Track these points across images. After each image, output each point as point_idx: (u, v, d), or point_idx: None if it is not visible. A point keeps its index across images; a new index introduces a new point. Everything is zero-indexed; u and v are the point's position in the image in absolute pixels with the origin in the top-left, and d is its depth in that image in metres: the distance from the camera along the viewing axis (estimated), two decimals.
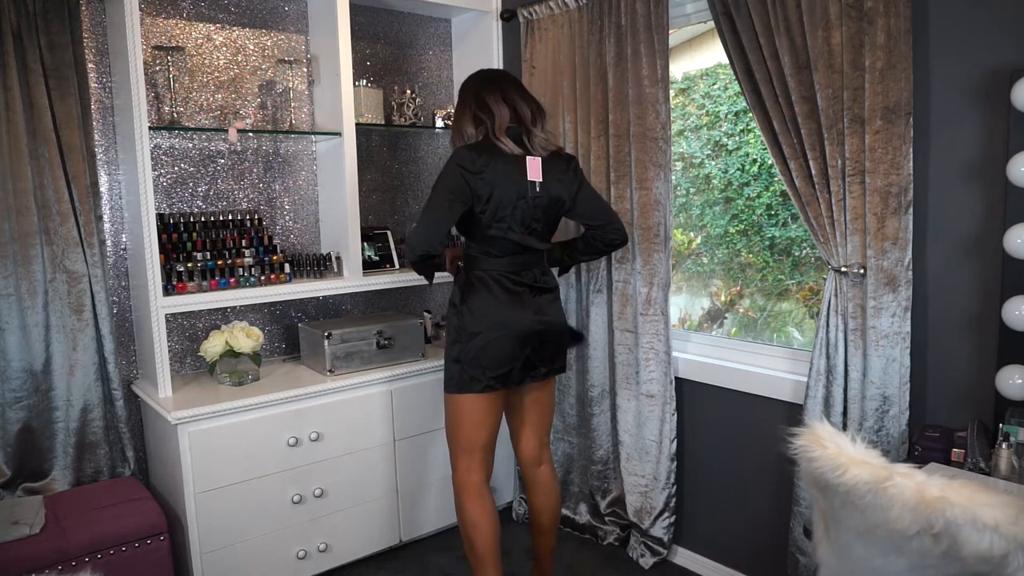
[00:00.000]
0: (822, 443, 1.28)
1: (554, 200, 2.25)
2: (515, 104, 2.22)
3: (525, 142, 2.21)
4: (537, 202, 2.21)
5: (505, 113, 2.20)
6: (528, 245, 2.23)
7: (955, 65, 1.90)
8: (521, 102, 2.23)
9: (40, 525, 2.14)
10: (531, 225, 2.22)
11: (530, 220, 2.21)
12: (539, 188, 2.20)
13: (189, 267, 2.52)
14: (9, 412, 2.40)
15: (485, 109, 2.21)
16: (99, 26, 2.54)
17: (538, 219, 2.23)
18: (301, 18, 2.95)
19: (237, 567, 2.44)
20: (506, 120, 2.20)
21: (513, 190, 2.17)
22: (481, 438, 2.26)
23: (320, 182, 3.02)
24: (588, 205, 2.34)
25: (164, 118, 2.63)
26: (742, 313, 2.87)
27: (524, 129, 2.22)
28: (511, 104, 2.21)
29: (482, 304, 2.20)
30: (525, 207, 2.19)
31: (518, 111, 2.22)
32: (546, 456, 2.44)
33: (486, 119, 2.21)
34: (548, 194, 2.23)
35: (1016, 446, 1.65)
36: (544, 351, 2.27)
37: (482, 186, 2.13)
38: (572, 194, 2.29)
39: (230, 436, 2.40)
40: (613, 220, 2.37)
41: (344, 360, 2.71)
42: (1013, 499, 1.10)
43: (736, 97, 2.71)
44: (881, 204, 1.97)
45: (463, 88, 2.31)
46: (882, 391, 2.03)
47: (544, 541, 2.45)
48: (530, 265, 2.27)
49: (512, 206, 2.17)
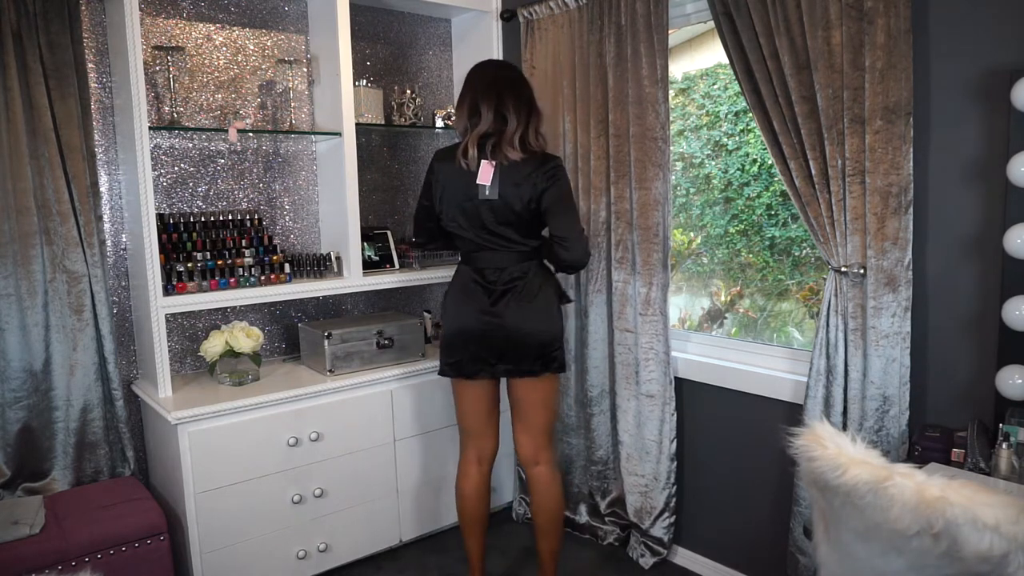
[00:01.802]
0: (822, 443, 1.28)
1: (507, 205, 2.23)
2: (505, 113, 2.23)
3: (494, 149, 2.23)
4: (488, 207, 2.26)
5: (488, 122, 2.23)
6: (493, 246, 2.30)
7: (955, 65, 1.90)
8: (513, 112, 2.23)
9: (40, 525, 2.14)
10: (487, 227, 2.28)
11: (483, 221, 2.28)
12: (488, 192, 2.23)
13: (189, 267, 2.52)
14: (9, 412, 2.40)
15: (476, 114, 2.27)
16: (99, 26, 2.54)
17: (497, 222, 2.26)
18: (301, 18, 2.95)
19: (237, 567, 2.44)
20: (486, 130, 2.24)
21: (460, 192, 2.28)
22: (467, 421, 2.46)
23: (320, 182, 3.02)
24: (551, 210, 2.25)
25: (164, 118, 2.63)
26: (742, 313, 2.87)
27: (495, 140, 2.23)
28: (502, 112, 2.24)
29: (448, 301, 2.40)
30: (472, 209, 2.27)
31: (504, 121, 2.23)
32: (544, 457, 2.43)
33: (471, 126, 2.27)
34: (500, 199, 2.23)
35: (1016, 446, 1.66)
36: (494, 350, 2.30)
37: (436, 188, 2.34)
38: (537, 195, 2.23)
39: (230, 436, 2.40)
40: (566, 237, 2.23)
41: (344, 360, 2.71)
42: (1013, 499, 1.10)
43: (736, 97, 2.71)
44: (881, 204, 1.97)
45: (469, 78, 2.35)
46: (882, 391, 2.03)
47: (544, 543, 2.45)
48: (501, 265, 2.30)
49: (460, 207, 2.29)
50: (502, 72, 2.34)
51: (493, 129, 2.24)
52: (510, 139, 2.23)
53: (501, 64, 2.43)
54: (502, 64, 2.43)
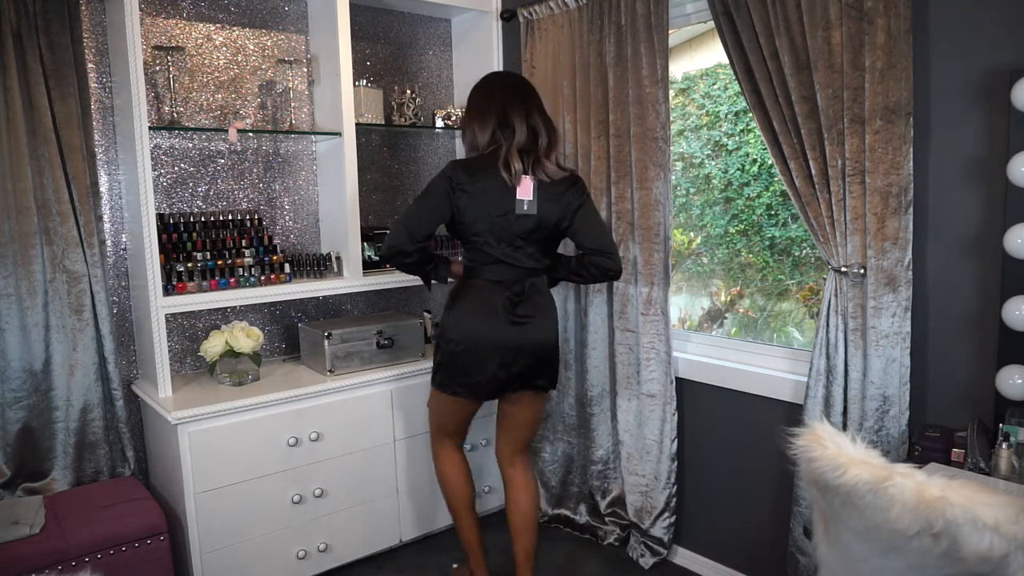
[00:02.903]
0: (822, 443, 1.28)
1: (543, 221, 2.22)
2: (536, 128, 2.23)
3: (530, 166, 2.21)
4: (522, 221, 2.21)
5: (523, 134, 2.21)
6: (512, 262, 2.24)
7: (955, 65, 1.90)
8: (542, 127, 2.24)
9: (40, 525, 2.14)
10: (515, 243, 2.23)
11: (512, 237, 2.22)
12: (527, 207, 2.19)
13: (189, 267, 2.52)
14: (9, 412, 2.40)
15: (507, 127, 2.21)
16: (99, 26, 2.54)
17: (524, 238, 2.23)
18: (301, 18, 2.95)
19: (237, 567, 2.44)
20: (523, 142, 2.20)
21: (494, 206, 2.19)
22: (451, 426, 2.45)
23: (320, 182, 3.02)
24: (585, 225, 2.27)
25: (164, 118, 2.63)
26: (742, 313, 2.87)
27: (535, 156, 2.22)
28: (533, 126, 2.22)
29: (461, 313, 2.27)
30: (505, 224, 2.20)
31: (536, 135, 2.23)
32: (520, 461, 2.47)
33: (504, 138, 2.21)
34: (538, 215, 2.21)
35: (1016, 446, 1.65)
36: (513, 368, 2.25)
37: (463, 199, 2.20)
38: (570, 213, 2.25)
39: (230, 436, 2.40)
40: (609, 248, 2.27)
41: (344, 360, 2.71)
42: (1013, 499, 1.10)
43: (736, 97, 2.71)
44: (881, 204, 1.97)
45: (485, 90, 2.29)
46: (882, 391, 2.03)
47: (519, 543, 2.45)
48: (518, 280, 2.25)
49: (490, 222, 2.20)
50: (526, 85, 2.31)
51: (527, 143, 2.21)
52: (546, 154, 2.23)
53: (520, 76, 2.38)
54: (520, 76, 2.39)
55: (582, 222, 2.27)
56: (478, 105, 2.28)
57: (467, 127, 2.30)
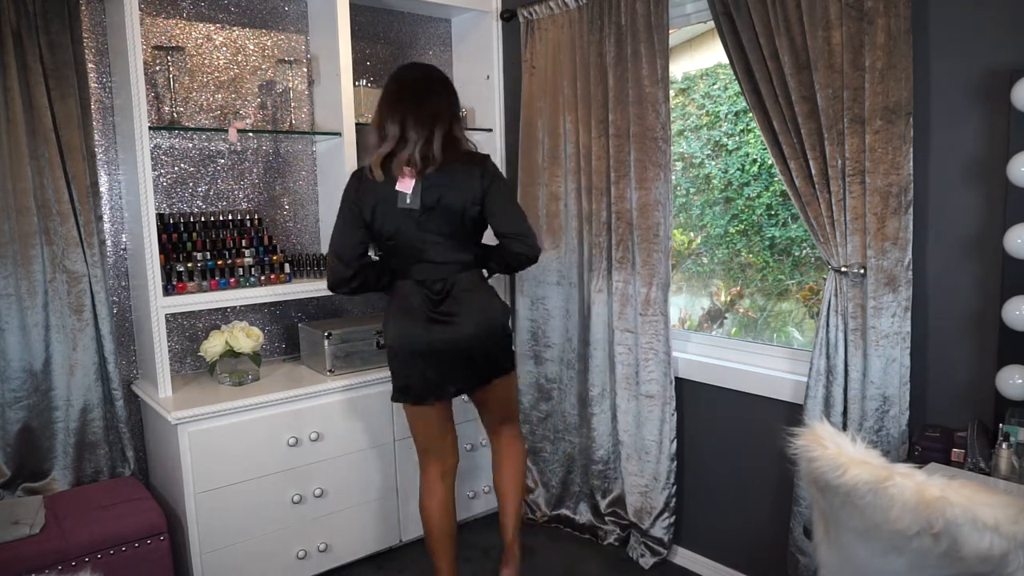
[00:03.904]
0: (822, 443, 1.28)
1: (446, 210, 2.16)
2: (405, 128, 2.15)
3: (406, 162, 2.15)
4: (429, 215, 2.16)
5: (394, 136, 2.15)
6: (429, 259, 2.20)
7: (955, 65, 1.90)
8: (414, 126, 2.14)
9: (40, 525, 2.14)
10: (424, 238, 2.18)
11: (424, 234, 2.18)
12: (409, 200, 2.14)
13: (189, 267, 2.52)
14: (9, 412, 2.40)
15: (382, 129, 2.19)
16: (99, 26, 2.54)
17: (436, 232, 2.18)
18: (301, 18, 2.95)
19: (237, 567, 2.44)
20: (389, 147, 2.15)
21: (393, 204, 2.16)
22: (425, 441, 2.36)
23: (320, 182, 3.02)
24: (496, 208, 2.20)
25: (164, 118, 2.63)
26: (742, 313, 2.87)
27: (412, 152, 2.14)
28: (403, 127, 2.15)
29: (390, 319, 2.27)
30: (408, 219, 2.16)
31: (405, 135, 2.15)
32: (505, 429, 2.49)
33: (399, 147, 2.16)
34: (440, 204, 2.15)
35: (1016, 446, 1.65)
36: (444, 368, 2.21)
37: (367, 207, 2.19)
38: (477, 198, 2.18)
39: (230, 436, 2.40)
40: (523, 232, 2.21)
41: (344, 360, 2.71)
42: (1013, 499, 1.10)
43: (736, 97, 2.71)
44: (881, 204, 1.97)
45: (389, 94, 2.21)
46: (882, 391, 2.03)
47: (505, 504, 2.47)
48: (439, 278, 2.21)
49: (395, 220, 2.17)
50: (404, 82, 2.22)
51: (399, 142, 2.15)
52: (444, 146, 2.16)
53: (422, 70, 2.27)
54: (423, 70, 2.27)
55: (492, 207, 2.20)
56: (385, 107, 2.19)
57: (369, 131, 2.28)
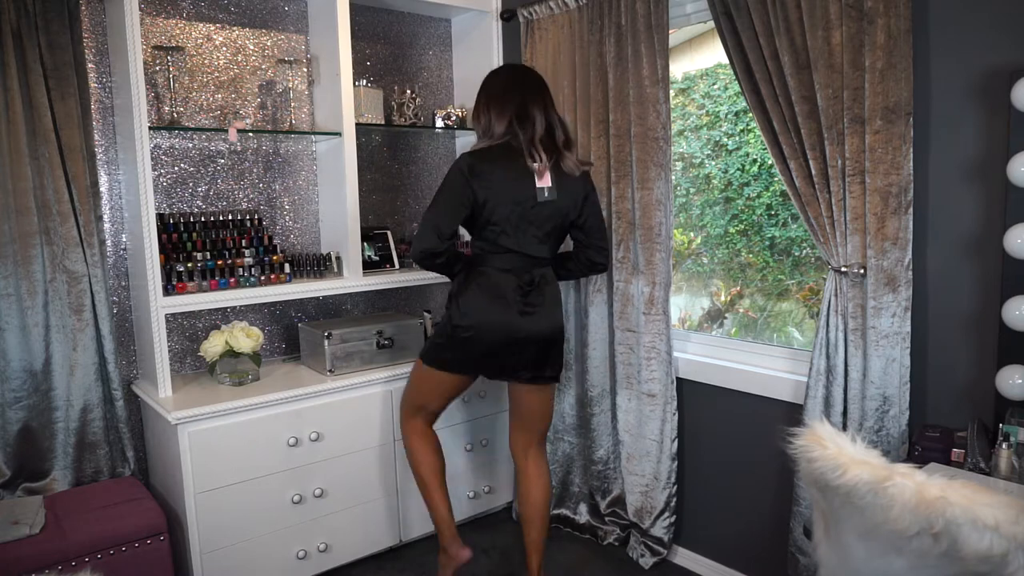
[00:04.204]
0: (822, 443, 1.28)
1: (559, 210, 2.28)
2: (553, 123, 2.27)
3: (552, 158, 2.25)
4: (539, 209, 2.25)
5: (542, 128, 2.24)
6: (524, 251, 2.28)
7: (955, 65, 1.90)
8: (559, 123, 2.29)
9: (40, 525, 2.14)
10: (529, 231, 2.26)
11: (528, 226, 2.25)
12: (547, 194, 2.25)
13: (189, 267, 2.52)
14: (9, 412, 2.40)
15: (527, 119, 2.23)
16: (99, 26, 2.54)
17: (539, 227, 2.27)
18: (301, 18, 2.95)
19: (237, 567, 2.44)
20: (542, 135, 2.24)
21: (511, 195, 2.22)
22: (434, 404, 2.47)
23: (320, 182, 3.02)
24: (591, 217, 2.37)
25: (164, 118, 2.63)
26: (742, 313, 2.87)
27: (556, 149, 2.26)
28: (550, 122, 2.27)
29: (470, 302, 2.28)
30: (522, 213, 2.24)
31: (553, 130, 2.27)
32: (534, 453, 2.49)
33: (521, 129, 2.23)
34: (555, 203, 2.27)
35: (1016, 446, 1.66)
36: (522, 356, 2.30)
37: (480, 189, 2.21)
38: (579, 203, 2.33)
39: (230, 436, 2.40)
40: (603, 241, 2.42)
41: (344, 360, 2.71)
42: (1013, 499, 1.10)
43: (736, 97, 2.71)
44: (881, 204, 1.97)
45: (507, 80, 2.30)
46: (882, 391, 2.03)
47: (529, 533, 2.47)
48: (527, 270, 2.30)
49: (508, 210, 2.23)
50: (543, 82, 2.34)
51: (545, 136, 2.25)
52: (567, 147, 2.28)
53: (538, 73, 2.39)
54: (538, 73, 2.39)
55: (589, 214, 2.37)
56: (499, 94, 2.28)
57: (483, 113, 2.30)
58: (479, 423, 3.01)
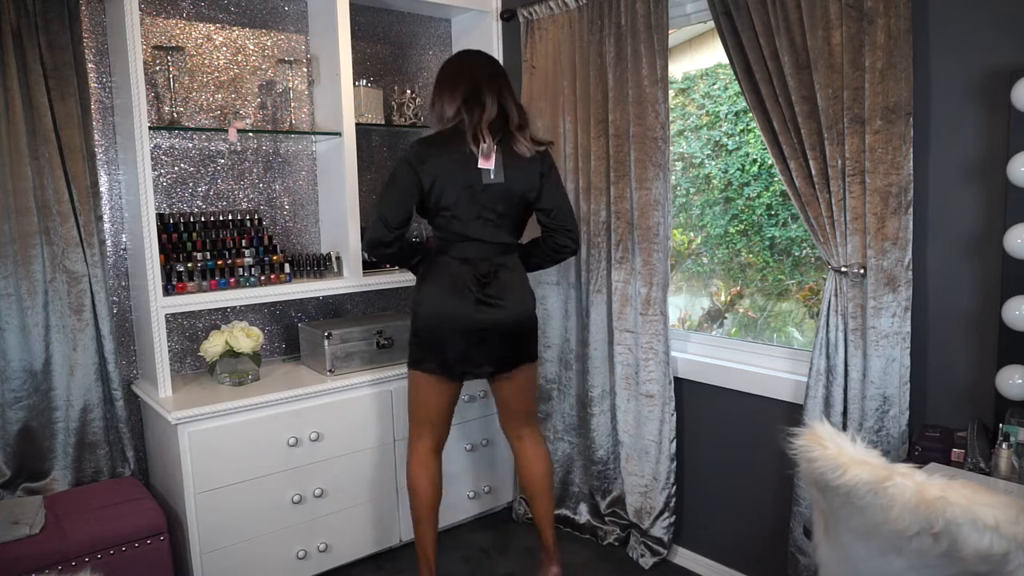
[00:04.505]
0: (822, 443, 1.28)
1: (510, 192, 2.26)
2: (507, 106, 2.27)
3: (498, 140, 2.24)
4: (488, 192, 2.23)
5: (493, 111, 2.24)
6: (481, 238, 2.26)
7: (955, 65, 1.90)
8: (513, 107, 2.28)
9: (40, 525, 2.14)
10: (482, 215, 2.25)
11: (480, 209, 2.24)
12: (493, 176, 2.22)
13: (189, 267, 2.52)
14: (9, 412, 2.40)
15: (476, 103, 2.23)
16: (99, 26, 2.54)
17: (491, 210, 2.25)
18: (301, 18, 2.95)
19: (237, 567, 2.44)
20: (492, 119, 2.23)
21: (459, 179, 2.22)
22: (429, 414, 2.41)
23: (320, 182, 3.02)
24: (551, 198, 2.33)
25: (164, 118, 2.63)
26: (742, 313, 2.87)
27: (506, 131, 2.26)
28: (503, 105, 2.26)
29: (430, 292, 2.30)
30: (472, 196, 2.23)
31: (507, 113, 2.27)
32: (527, 433, 2.49)
33: (468, 113, 2.22)
34: (506, 184, 2.25)
35: (1016, 446, 1.66)
36: (484, 348, 2.28)
37: (426, 176, 2.22)
38: (536, 183, 2.30)
39: (230, 436, 2.40)
40: (568, 224, 2.36)
41: (344, 360, 2.71)
42: (1013, 499, 1.10)
43: (736, 97, 2.71)
44: (881, 204, 1.97)
45: (459, 65, 2.32)
46: (882, 391, 2.03)
47: (538, 509, 2.49)
48: (485, 258, 2.28)
49: (456, 195, 2.22)
50: (499, 67, 2.36)
51: (498, 120, 2.25)
52: (519, 129, 2.26)
53: (493, 58, 2.41)
54: (494, 59, 2.42)
55: (548, 194, 2.32)
56: (450, 79, 2.29)
57: (436, 100, 2.31)
58: (479, 423, 3.01)
